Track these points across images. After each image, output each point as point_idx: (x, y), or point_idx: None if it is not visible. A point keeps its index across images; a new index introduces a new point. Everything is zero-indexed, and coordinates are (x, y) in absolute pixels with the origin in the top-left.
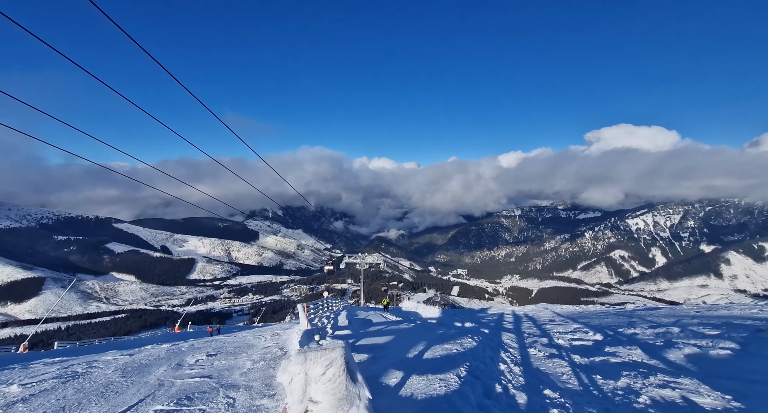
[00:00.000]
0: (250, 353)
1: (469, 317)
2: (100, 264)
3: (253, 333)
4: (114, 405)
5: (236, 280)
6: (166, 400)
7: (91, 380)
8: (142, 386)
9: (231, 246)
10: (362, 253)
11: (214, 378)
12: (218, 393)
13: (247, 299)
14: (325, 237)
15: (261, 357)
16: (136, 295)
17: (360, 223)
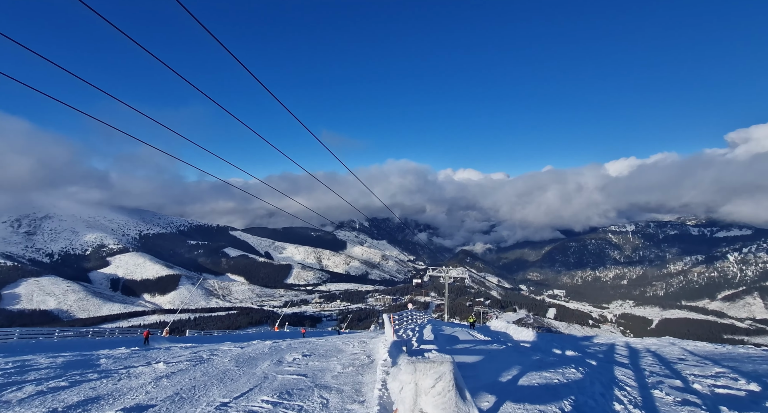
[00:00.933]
0: (339, 357)
1: (570, 344)
2: (219, 266)
3: (342, 339)
4: (230, 390)
5: (326, 287)
6: (271, 392)
7: (213, 366)
8: (251, 377)
9: (322, 255)
10: (446, 266)
11: (309, 377)
12: (313, 393)
13: (335, 305)
14: (409, 248)
15: (350, 363)
16: (245, 295)
17: (444, 236)
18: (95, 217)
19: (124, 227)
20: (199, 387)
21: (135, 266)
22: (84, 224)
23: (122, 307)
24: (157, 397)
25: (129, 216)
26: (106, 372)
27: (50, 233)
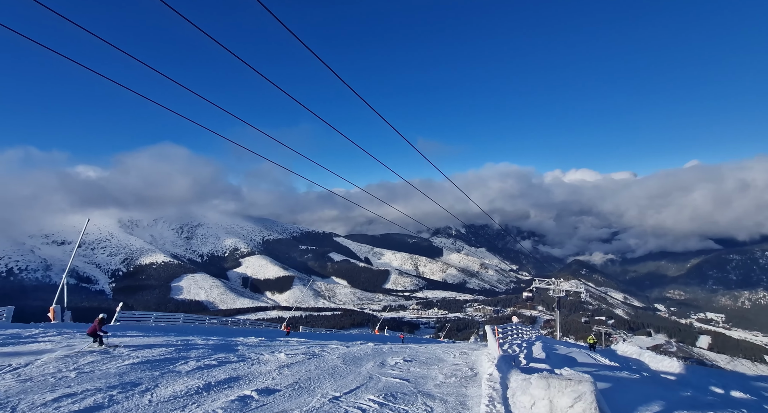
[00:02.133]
0: (441, 366)
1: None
2: (325, 270)
3: (442, 347)
4: (340, 385)
5: (423, 294)
6: (376, 392)
7: (324, 361)
8: (357, 375)
9: (418, 261)
10: (556, 278)
11: (411, 382)
12: (417, 398)
13: (433, 313)
14: (511, 257)
15: (452, 373)
16: (347, 297)
17: (552, 244)
18: (231, 225)
19: (251, 233)
20: (314, 379)
21: (259, 267)
22: (224, 231)
23: (250, 302)
24: (281, 383)
25: (255, 224)
26: (242, 356)
27: (201, 238)
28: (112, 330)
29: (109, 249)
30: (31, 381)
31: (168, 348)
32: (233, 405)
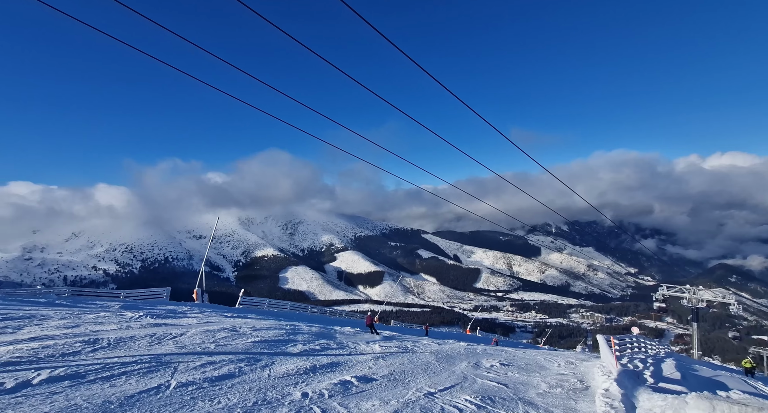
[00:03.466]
0: (543, 374)
1: None
2: (414, 266)
3: (542, 354)
4: (434, 382)
5: (518, 295)
6: (472, 393)
7: (417, 356)
8: (451, 374)
9: (512, 260)
10: (693, 286)
11: (510, 388)
12: (518, 406)
13: (530, 316)
14: (627, 258)
15: (557, 383)
16: (436, 295)
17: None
18: (327, 222)
19: (345, 230)
20: (408, 373)
21: (352, 262)
22: (321, 227)
23: (345, 294)
24: (377, 373)
25: (348, 221)
26: (341, 344)
27: (302, 234)
28: (238, 313)
29: (232, 243)
30: (185, 348)
31: (279, 331)
32: (336, 388)
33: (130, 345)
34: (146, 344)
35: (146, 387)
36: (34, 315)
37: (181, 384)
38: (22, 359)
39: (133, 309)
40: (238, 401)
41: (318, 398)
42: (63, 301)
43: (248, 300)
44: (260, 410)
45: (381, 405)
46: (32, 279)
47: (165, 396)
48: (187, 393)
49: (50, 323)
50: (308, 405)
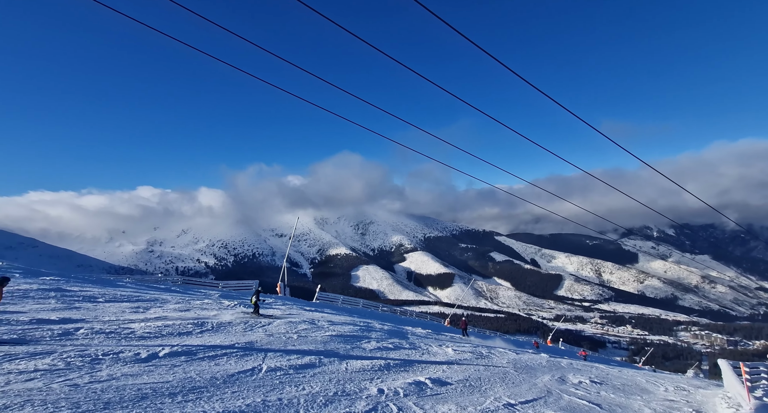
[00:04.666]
0: (646, 398)
1: None
2: (486, 269)
3: (643, 375)
4: (514, 393)
5: (609, 306)
6: (558, 410)
7: (493, 364)
8: (532, 386)
9: (602, 267)
10: None
11: (605, 409)
12: None
13: (625, 331)
14: (759, 270)
15: (664, 410)
16: (511, 300)
17: None
18: (396, 223)
19: (414, 231)
20: (484, 380)
21: (422, 263)
22: (390, 228)
23: (414, 295)
24: (451, 377)
25: (417, 222)
26: (413, 345)
27: (373, 234)
28: (315, 307)
29: (309, 242)
30: (272, 337)
31: (354, 327)
32: (411, 388)
33: (228, 330)
34: (241, 330)
35: (243, 368)
36: (157, 299)
37: (270, 369)
38: (151, 334)
39: (229, 298)
40: (320, 390)
41: (393, 396)
42: (176, 288)
43: (324, 296)
44: (340, 401)
45: (457, 411)
46: (153, 269)
47: (258, 378)
48: (276, 378)
49: (168, 306)
50: (384, 402)
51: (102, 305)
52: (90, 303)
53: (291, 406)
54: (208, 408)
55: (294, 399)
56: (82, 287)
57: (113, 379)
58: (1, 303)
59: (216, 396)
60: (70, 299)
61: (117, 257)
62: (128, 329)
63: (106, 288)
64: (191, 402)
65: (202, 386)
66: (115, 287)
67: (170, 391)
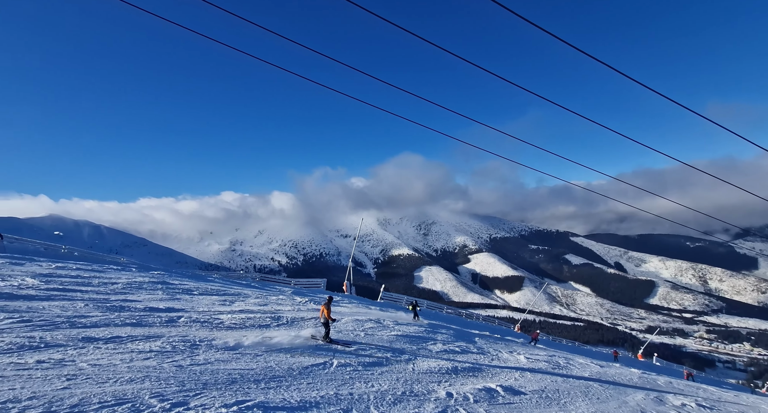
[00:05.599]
0: None
1: None
2: (561, 273)
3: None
4: (600, 409)
5: (719, 319)
6: None
7: (571, 374)
8: (622, 404)
9: (708, 273)
10: None
11: None
12: None
13: (741, 350)
14: None
15: None
16: (591, 308)
17: None
18: (460, 223)
19: (478, 231)
20: (563, 393)
21: (487, 264)
22: (453, 228)
23: (480, 298)
24: (525, 387)
25: (482, 222)
26: (481, 349)
27: (435, 235)
28: (380, 306)
29: (372, 242)
30: (340, 333)
31: (419, 327)
32: (481, 394)
33: (301, 324)
34: (312, 325)
35: (315, 362)
36: (240, 294)
37: (340, 365)
38: (236, 325)
39: (300, 295)
40: (389, 388)
41: (463, 400)
42: (255, 284)
43: (388, 296)
44: (408, 400)
45: None
46: (235, 266)
47: (330, 372)
48: (346, 373)
49: (249, 300)
50: (454, 406)
51: (197, 297)
52: (187, 295)
53: (362, 402)
54: (287, 396)
55: (364, 395)
56: (181, 281)
57: (208, 363)
58: (123, 292)
59: (293, 385)
60: (172, 291)
61: (206, 255)
62: (218, 319)
63: (199, 282)
64: (272, 389)
65: (281, 375)
66: (206, 282)
67: (255, 378)
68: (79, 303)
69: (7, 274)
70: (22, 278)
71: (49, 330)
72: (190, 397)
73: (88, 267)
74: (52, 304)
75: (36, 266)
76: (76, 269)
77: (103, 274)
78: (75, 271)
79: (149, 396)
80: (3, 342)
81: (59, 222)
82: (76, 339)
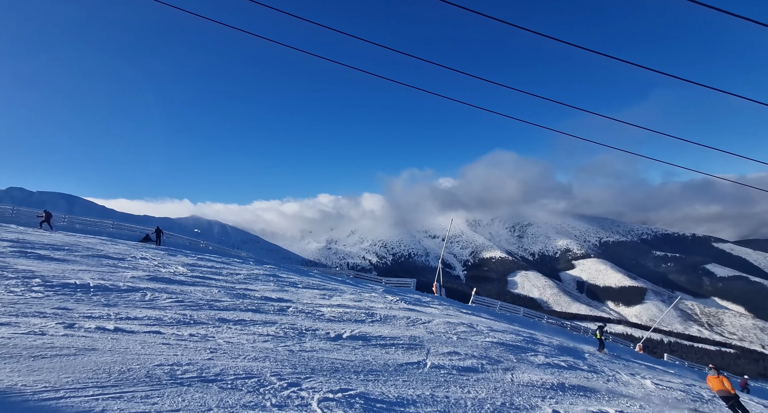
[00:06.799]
0: None
1: None
2: (699, 286)
3: None
4: None
5: None
6: None
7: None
8: None
9: None
10: None
11: None
12: None
13: None
14: None
15: None
16: (747, 332)
17: None
18: (561, 225)
19: (585, 234)
20: None
21: (597, 272)
22: (554, 230)
23: (588, 309)
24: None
25: (589, 224)
26: (592, 367)
27: (532, 237)
28: (472, 310)
29: (461, 243)
30: (432, 335)
31: (516, 336)
32: None
33: (394, 322)
34: (404, 324)
35: (409, 360)
36: (337, 289)
37: (434, 366)
38: (335, 318)
39: (391, 293)
40: (486, 396)
41: None
42: (349, 281)
43: (480, 300)
44: (509, 412)
45: None
46: (331, 263)
47: (424, 373)
48: (441, 375)
49: (345, 296)
50: None
51: (301, 290)
52: (293, 287)
53: (458, 406)
54: (385, 390)
55: (461, 400)
56: (288, 275)
57: (314, 351)
58: (244, 282)
59: (390, 381)
60: (282, 283)
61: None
62: (319, 312)
63: (302, 276)
64: (371, 382)
65: (377, 370)
66: (308, 276)
67: (354, 369)
68: (214, 289)
69: (166, 263)
70: (175, 267)
71: (195, 310)
72: (302, 379)
73: (219, 260)
74: (195, 289)
75: (183, 257)
76: (210, 261)
77: (229, 266)
78: (210, 263)
79: (270, 374)
80: (167, 316)
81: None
82: (213, 319)
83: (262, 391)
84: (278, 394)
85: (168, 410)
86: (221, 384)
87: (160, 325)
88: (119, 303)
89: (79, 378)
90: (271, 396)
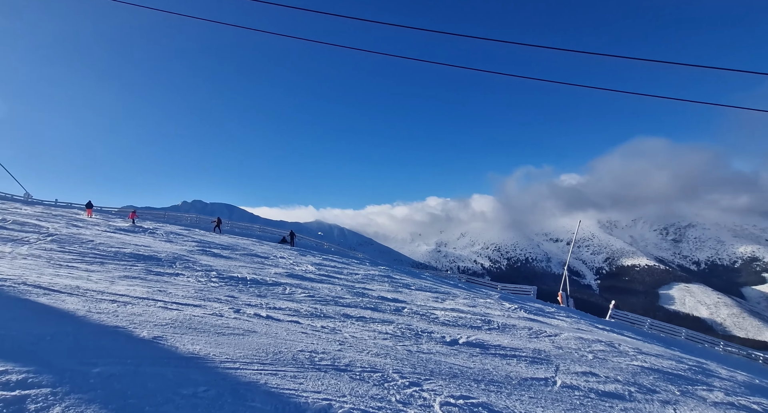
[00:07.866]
0: None
1: None
2: None
3: None
4: None
5: None
6: None
7: None
8: None
9: None
10: None
11: None
12: None
13: None
14: None
15: None
16: None
17: None
18: (742, 226)
19: None
20: None
21: None
22: (730, 233)
23: None
24: None
25: None
26: None
27: (694, 241)
28: (610, 326)
29: (592, 248)
30: (561, 350)
31: (678, 364)
32: None
33: (513, 332)
34: (526, 335)
35: (534, 375)
36: (449, 292)
37: (566, 386)
38: (450, 322)
39: (508, 300)
40: None
41: None
42: (461, 285)
43: (621, 315)
44: None
45: None
46: (441, 266)
47: (554, 392)
48: (575, 398)
49: (459, 300)
50: None
51: (414, 292)
52: (407, 289)
53: None
54: (509, 404)
55: None
56: (401, 276)
57: (431, 354)
58: (362, 281)
59: (514, 395)
60: (396, 284)
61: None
62: (433, 314)
63: (414, 278)
64: (494, 393)
65: (499, 381)
66: (419, 278)
67: (474, 377)
68: (338, 287)
69: (298, 262)
70: (306, 265)
71: (324, 304)
72: (422, 380)
73: (340, 260)
74: (322, 286)
75: (312, 257)
76: (333, 261)
77: (348, 266)
78: (333, 262)
79: (392, 370)
80: (302, 309)
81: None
82: (339, 314)
83: (386, 386)
84: (401, 391)
85: (311, 390)
86: (351, 374)
87: (298, 316)
88: (267, 294)
89: (247, 355)
90: (395, 392)
